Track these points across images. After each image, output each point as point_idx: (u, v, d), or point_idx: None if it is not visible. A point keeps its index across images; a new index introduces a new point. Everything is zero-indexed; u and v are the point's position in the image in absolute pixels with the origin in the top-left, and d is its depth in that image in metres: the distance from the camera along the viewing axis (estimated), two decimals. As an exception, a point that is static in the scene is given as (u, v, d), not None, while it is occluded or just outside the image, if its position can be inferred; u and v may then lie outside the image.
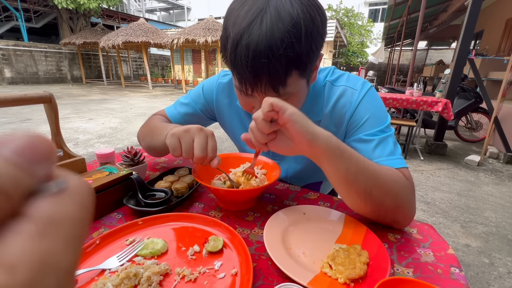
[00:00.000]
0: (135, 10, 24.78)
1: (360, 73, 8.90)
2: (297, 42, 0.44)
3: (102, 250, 0.44)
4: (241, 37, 0.44)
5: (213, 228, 0.50)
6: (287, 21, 0.43)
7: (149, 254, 0.44)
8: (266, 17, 0.43)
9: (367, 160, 0.50)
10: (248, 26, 0.44)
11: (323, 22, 0.49)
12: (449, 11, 7.88)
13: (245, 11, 0.45)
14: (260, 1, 0.45)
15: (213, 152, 0.53)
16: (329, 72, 0.69)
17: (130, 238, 0.47)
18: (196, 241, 0.47)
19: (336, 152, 0.45)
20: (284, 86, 0.48)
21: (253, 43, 0.44)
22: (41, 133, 0.12)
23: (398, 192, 0.51)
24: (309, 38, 0.46)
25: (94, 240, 0.44)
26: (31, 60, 10.77)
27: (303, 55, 0.46)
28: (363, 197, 0.49)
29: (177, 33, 9.63)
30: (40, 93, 0.62)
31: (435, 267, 0.44)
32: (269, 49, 0.43)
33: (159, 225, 0.51)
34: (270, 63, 0.44)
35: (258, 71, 0.46)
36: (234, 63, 0.47)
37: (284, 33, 0.43)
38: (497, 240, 1.81)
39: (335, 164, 0.46)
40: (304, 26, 0.44)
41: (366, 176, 0.48)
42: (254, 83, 0.48)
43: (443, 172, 3.05)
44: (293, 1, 0.45)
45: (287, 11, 0.44)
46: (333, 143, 0.45)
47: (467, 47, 3.24)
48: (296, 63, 0.47)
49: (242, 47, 0.45)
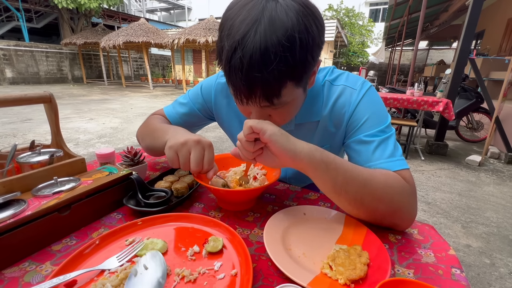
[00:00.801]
0: (135, 10, 24.81)
1: (360, 73, 8.90)
2: (291, 55, 0.44)
3: (101, 251, 0.44)
4: (235, 50, 0.44)
5: (213, 229, 0.50)
6: (281, 34, 0.42)
7: None
8: (260, 29, 0.42)
9: (357, 169, 0.50)
10: (242, 39, 0.43)
11: (320, 32, 0.48)
12: (450, 11, 7.86)
13: (240, 21, 0.44)
14: (255, 10, 0.44)
15: (209, 164, 0.55)
16: (328, 71, 0.69)
17: (129, 238, 0.47)
18: (196, 242, 0.47)
19: (320, 165, 0.47)
20: (278, 97, 0.48)
21: (246, 56, 0.43)
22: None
23: (393, 198, 0.51)
24: (304, 50, 0.45)
25: (93, 240, 0.44)
26: (32, 60, 10.80)
27: (297, 67, 0.46)
28: (354, 205, 0.50)
29: (178, 33, 9.64)
30: (40, 93, 0.62)
31: (436, 268, 0.44)
32: (263, 63, 0.43)
33: (159, 225, 0.51)
34: (263, 76, 0.45)
35: (252, 84, 0.46)
36: (229, 75, 0.48)
37: (277, 47, 0.43)
38: (498, 241, 1.81)
39: (321, 176, 0.48)
40: (298, 38, 0.43)
41: (356, 185, 0.49)
42: (248, 95, 0.49)
43: (444, 172, 3.04)
44: (288, 11, 0.43)
45: (281, 22, 0.43)
46: (317, 157, 0.47)
47: (468, 47, 3.23)
48: (290, 75, 0.47)
49: (236, 60, 0.44)
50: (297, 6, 0.44)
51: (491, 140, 3.51)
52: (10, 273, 0.40)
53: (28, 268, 0.41)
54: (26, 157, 0.57)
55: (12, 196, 0.46)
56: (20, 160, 0.56)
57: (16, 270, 0.41)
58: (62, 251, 0.45)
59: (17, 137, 3.65)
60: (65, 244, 0.47)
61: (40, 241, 0.46)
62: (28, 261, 0.43)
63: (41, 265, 0.42)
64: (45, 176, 0.53)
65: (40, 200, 0.47)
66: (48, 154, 0.59)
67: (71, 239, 0.48)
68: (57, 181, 0.52)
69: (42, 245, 0.46)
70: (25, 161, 0.56)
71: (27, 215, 0.43)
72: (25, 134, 3.81)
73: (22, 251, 0.43)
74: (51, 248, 0.46)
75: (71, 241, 0.48)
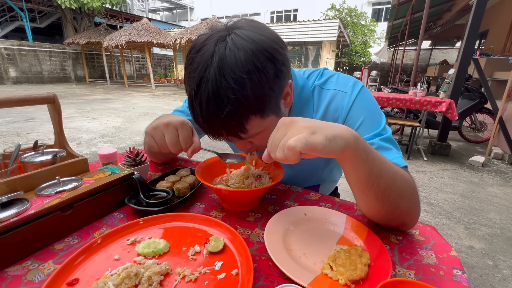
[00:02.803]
0: (138, 10, 24.90)
1: (363, 73, 8.87)
2: (242, 95, 0.44)
3: (103, 250, 0.44)
4: (194, 96, 0.46)
5: (214, 229, 0.50)
6: (229, 77, 0.43)
7: (151, 253, 0.43)
8: (210, 76, 0.44)
9: (388, 161, 0.48)
10: (197, 87, 0.45)
11: (276, 60, 0.47)
12: (453, 11, 7.81)
13: (193, 68, 0.46)
14: (206, 56, 0.45)
15: (185, 143, 0.56)
16: (318, 75, 0.68)
17: (131, 238, 0.47)
18: (197, 241, 0.47)
19: (361, 155, 0.43)
20: (245, 132, 0.49)
21: (203, 102, 0.45)
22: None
23: (411, 194, 0.50)
24: (257, 86, 0.45)
25: (95, 239, 0.45)
26: (36, 59, 10.87)
27: (255, 104, 0.46)
28: (380, 199, 0.47)
29: (180, 33, 9.67)
30: (44, 93, 0.63)
31: (437, 269, 0.44)
32: (218, 108, 0.45)
33: (160, 225, 0.51)
34: (222, 120, 0.46)
35: (214, 127, 0.49)
36: (194, 117, 0.50)
37: (228, 90, 0.43)
38: (501, 242, 1.80)
39: (359, 166, 0.44)
40: (248, 78, 0.44)
41: (387, 178, 0.46)
42: (215, 135, 0.51)
43: (447, 173, 3.03)
44: (236, 52, 0.44)
45: (228, 65, 0.43)
46: (360, 146, 0.42)
47: (471, 47, 3.21)
48: (249, 111, 0.47)
49: (195, 108, 0.47)
50: (246, 44, 0.45)
51: (494, 140, 3.49)
52: (13, 271, 0.41)
53: (31, 267, 0.42)
54: (29, 157, 0.58)
55: (16, 195, 0.46)
56: (24, 160, 0.57)
57: (19, 268, 0.41)
58: (65, 250, 0.46)
59: (20, 136, 3.68)
60: (67, 243, 0.48)
61: (42, 240, 0.46)
62: (31, 259, 0.43)
63: (43, 264, 0.42)
64: (48, 175, 0.53)
65: (43, 199, 0.47)
66: (51, 154, 0.60)
67: (73, 238, 0.49)
68: (59, 180, 0.52)
69: (44, 243, 0.46)
70: (28, 161, 0.57)
71: (30, 214, 0.43)
72: (29, 133, 3.84)
73: (24, 250, 0.44)
74: (53, 247, 0.46)
75: (73, 240, 0.48)
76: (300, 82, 0.66)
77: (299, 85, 0.66)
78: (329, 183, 0.88)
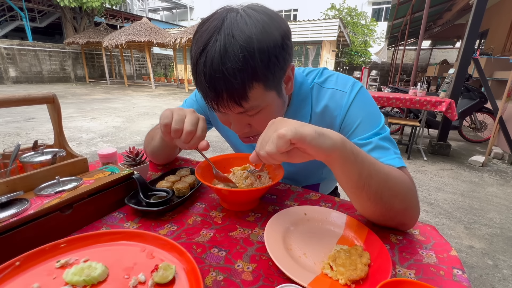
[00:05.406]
0: (138, 10, 24.88)
1: (363, 73, 8.86)
2: (250, 55, 0.45)
3: (21, 275, 0.36)
4: (199, 56, 0.47)
5: (168, 252, 0.42)
6: (238, 37, 0.45)
7: (81, 282, 0.34)
8: (220, 36, 0.46)
9: (379, 162, 0.49)
10: (204, 45, 0.47)
11: (284, 35, 0.50)
12: (453, 10, 7.81)
13: (203, 31, 0.48)
14: (217, 21, 0.47)
15: (202, 131, 0.53)
16: (317, 73, 0.68)
17: (62, 259, 0.38)
18: (144, 268, 0.39)
19: (350, 157, 0.44)
20: (246, 99, 0.49)
21: (208, 60, 0.46)
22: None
23: (406, 194, 0.50)
24: (264, 51, 0.46)
25: (13, 261, 0.36)
26: (35, 59, 10.87)
27: (260, 68, 0.47)
28: (373, 200, 0.48)
29: (180, 33, 9.65)
30: (44, 93, 0.63)
31: (437, 268, 0.44)
32: (223, 65, 0.45)
33: (103, 244, 0.43)
34: (226, 78, 0.46)
35: (217, 87, 0.48)
36: (196, 80, 0.50)
37: (236, 48, 0.45)
38: (502, 242, 1.80)
39: (348, 168, 0.45)
40: (256, 40, 0.46)
41: (378, 179, 0.47)
42: (215, 99, 0.50)
43: (447, 172, 3.03)
44: (247, 19, 0.47)
45: (239, 28, 0.46)
46: (348, 148, 0.43)
47: (471, 47, 3.21)
48: (254, 76, 0.47)
49: (200, 65, 0.47)
50: (257, 15, 0.48)
51: (494, 140, 3.49)
52: (13, 272, 0.40)
53: (31, 267, 0.41)
54: (29, 157, 0.58)
55: (15, 195, 0.46)
56: (23, 160, 0.57)
57: (18, 268, 0.41)
58: (64, 250, 0.45)
59: (20, 135, 3.68)
60: (67, 243, 0.47)
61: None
62: (31, 259, 0.43)
63: (43, 264, 0.42)
64: (47, 175, 0.53)
65: (43, 199, 0.47)
66: (51, 154, 0.60)
67: (73, 238, 0.48)
68: (59, 180, 0.52)
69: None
70: (28, 160, 0.57)
71: (30, 214, 0.43)
72: (28, 133, 3.84)
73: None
74: (53, 247, 0.46)
75: (73, 240, 0.48)
76: (299, 79, 0.66)
77: (298, 81, 0.66)
78: (329, 181, 0.88)
